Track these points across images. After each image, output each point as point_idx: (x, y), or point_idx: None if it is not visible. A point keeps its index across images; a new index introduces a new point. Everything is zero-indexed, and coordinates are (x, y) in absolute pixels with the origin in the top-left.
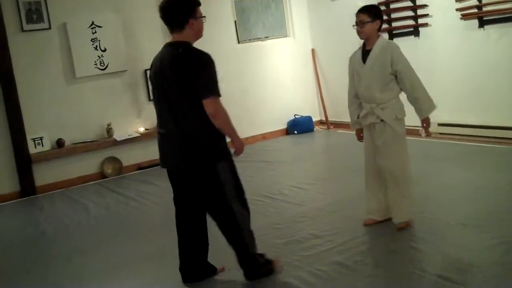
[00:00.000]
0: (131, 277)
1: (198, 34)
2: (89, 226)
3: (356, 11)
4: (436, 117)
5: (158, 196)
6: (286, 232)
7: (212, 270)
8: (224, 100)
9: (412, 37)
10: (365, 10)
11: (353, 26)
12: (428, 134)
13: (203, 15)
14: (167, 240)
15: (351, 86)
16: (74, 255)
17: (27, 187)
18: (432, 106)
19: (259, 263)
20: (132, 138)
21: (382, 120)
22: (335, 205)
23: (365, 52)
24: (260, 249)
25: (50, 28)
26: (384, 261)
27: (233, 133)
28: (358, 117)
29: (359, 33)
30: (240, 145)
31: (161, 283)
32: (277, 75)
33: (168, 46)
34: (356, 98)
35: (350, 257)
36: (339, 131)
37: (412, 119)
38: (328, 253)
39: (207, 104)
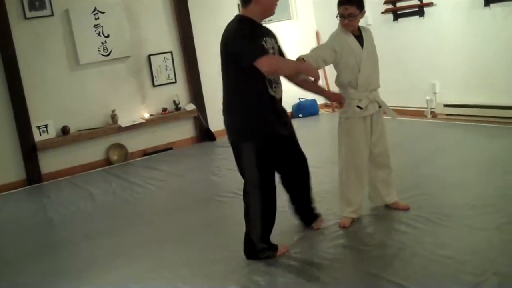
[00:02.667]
0: (138, 261)
1: (266, 11)
2: (95, 212)
3: None
4: (441, 97)
5: (164, 181)
6: (290, 215)
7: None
8: None
9: (417, 17)
10: (353, 1)
11: (337, 17)
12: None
13: None
14: (173, 224)
15: (322, 55)
16: (82, 240)
17: (33, 175)
18: None
19: (258, 249)
20: (137, 124)
21: (379, 107)
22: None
23: (355, 37)
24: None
25: (52, 15)
26: (390, 242)
27: (297, 66)
28: (359, 107)
29: (347, 25)
30: (314, 73)
31: (168, 266)
32: None
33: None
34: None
35: (358, 239)
36: None
37: (418, 100)
38: (335, 235)
39: (260, 66)
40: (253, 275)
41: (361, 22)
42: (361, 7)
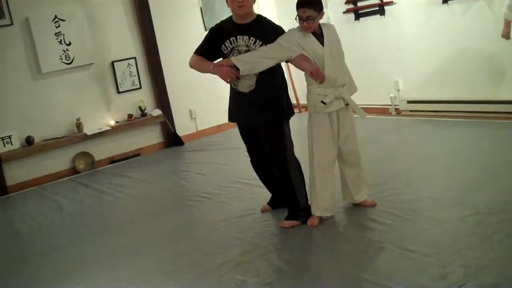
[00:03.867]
0: (110, 270)
1: (233, 10)
2: (63, 223)
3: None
4: (405, 94)
5: (132, 188)
6: (262, 216)
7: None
8: (193, 86)
9: (378, 16)
10: (311, 4)
11: (296, 19)
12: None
13: None
14: (144, 230)
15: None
16: (50, 252)
17: None
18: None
19: (303, 208)
20: (102, 131)
21: (346, 105)
22: (307, 186)
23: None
24: (238, 231)
25: (12, 24)
26: (357, 239)
27: (209, 69)
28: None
29: (305, 28)
30: (224, 78)
31: (141, 274)
32: None
33: None
34: None
35: (325, 235)
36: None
37: (382, 98)
38: (306, 234)
39: None
40: (228, 275)
41: (323, 20)
42: (319, 9)
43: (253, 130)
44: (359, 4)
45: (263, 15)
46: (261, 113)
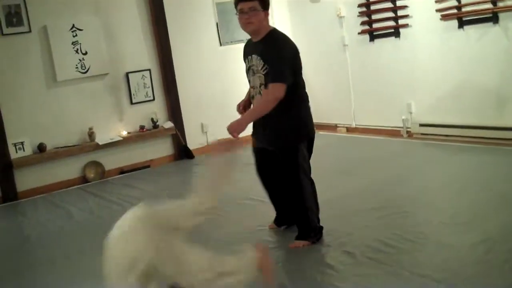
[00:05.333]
0: None
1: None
2: (72, 231)
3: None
4: (417, 117)
5: (142, 199)
6: (275, 233)
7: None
8: (205, 100)
9: (393, 38)
10: None
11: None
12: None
13: (236, 12)
14: None
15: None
16: (59, 260)
17: (8, 192)
18: None
19: (314, 227)
20: (114, 141)
21: None
22: (320, 205)
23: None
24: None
25: (30, 31)
26: (367, 261)
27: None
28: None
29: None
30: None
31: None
32: None
33: None
34: None
35: (335, 257)
36: (321, 132)
37: (394, 120)
38: (313, 253)
39: None
40: None
41: (338, 43)
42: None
43: (264, 151)
44: (375, 25)
45: (276, 19)
46: (275, 135)
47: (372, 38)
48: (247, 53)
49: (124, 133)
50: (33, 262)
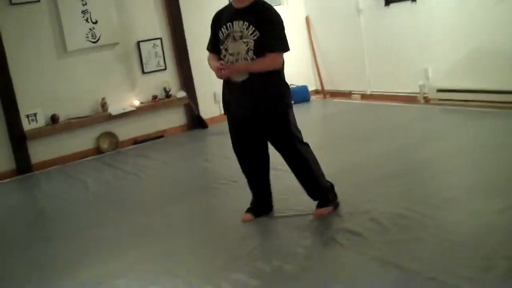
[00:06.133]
0: (136, 249)
1: None
2: (89, 202)
3: None
4: (434, 82)
5: (157, 169)
6: (291, 202)
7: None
8: None
9: (409, 2)
10: None
11: None
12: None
13: None
14: (170, 213)
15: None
16: (75, 231)
17: (22, 164)
18: None
19: (328, 188)
20: (127, 112)
21: None
22: (337, 174)
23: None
24: (267, 221)
25: (39, 0)
26: (394, 227)
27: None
28: None
29: None
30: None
31: (167, 254)
32: None
33: None
34: None
35: (361, 224)
36: (336, 100)
37: (410, 85)
38: (337, 221)
39: None
40: (257, 261)
41: (352, 7)
42: None
43: (247, 122)
44: None
45: (290, 1)
46: (260, 103)
47: (387, 2)
48: (224, 20)
49: (137, 103)
50: (49, 234)
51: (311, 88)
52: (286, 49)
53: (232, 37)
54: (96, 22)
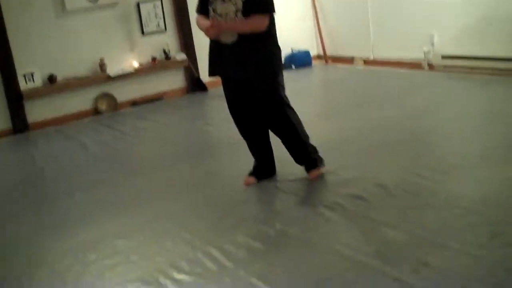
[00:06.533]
0: (136, 211)
1: None
2: (88, 163)
3: None
4: (439, 49)
5: (156, 131)
6: (292, 169)
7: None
8: None
9: None
10: None
11: None
12: None
13: None
14: (170, 174)
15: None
16: (75, 192)
17: (19, 123)
18: None
19: (312, 150)
20: (126, 73)
21: None
22: (340, 141)
23: None
24: (269, 185)
25: None
26: (402, 193)
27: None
28: None
29: None
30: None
31: (168, 215)
32: None
33: None
34: None
35: (367, 189)
36: (338, 65)
37: (414, 51)
38: (342, 186)
39: None
40: (261, 225)
41: None
42: None
43: (239, 84)
44: None
45: None
46: (249, 65)
47: None
48: None
49: (136, 64)
50: (48, 195)
51: (313, 53)
52: (271, 11)
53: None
54: None
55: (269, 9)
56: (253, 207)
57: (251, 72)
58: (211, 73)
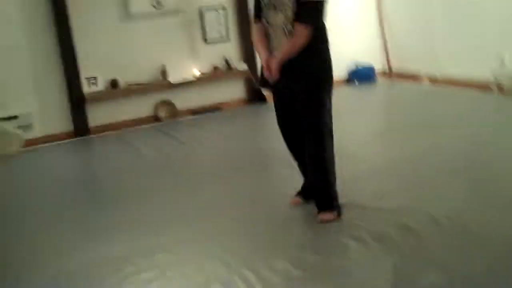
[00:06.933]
0: (176, 226)
1: None
2: (140, 171)
3: None
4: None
5: (212, 141)
6: (344, 191)
7: None
8: None
9: None
10: None
11: None
12: None
13: None
14: (218, 188)
15: None
16: (123, 199)
17: (80, 127)
18: None
19: (334, 196)
20: (186, 81)
21: None
22: (395, 163)
23: None
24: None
25: None
26: (454, 227)
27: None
28: None
29: None
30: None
31: (208, 233)
32: (337, 20)
33: None
34: None
35: (418, 220)
36: (402, 82)
37: (482, 71)
38: (391, 214)
39: None
40: (301, 251)
41: None
42: None
43: (285, 97)
44: None
45: None
46: (292, 77)
47: None
48: None
49: (197, 72)
50: (96, 198)
51: (377, 68)
52: (313, 23)
53: (273, 6)
54: None
55: (311, 21)
56: (296, 231)
57: (296, 89)
58: (261, 83)
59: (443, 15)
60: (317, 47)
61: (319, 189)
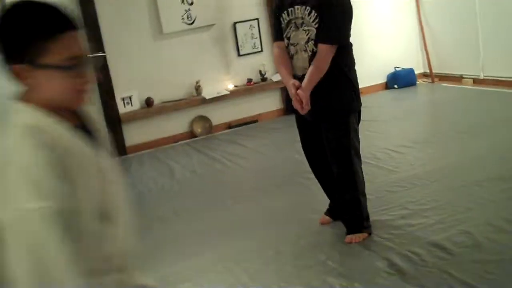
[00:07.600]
0: (204, 249)
1: None
2: (171, 191)
3: None
4: None
5: (245, 158)
6: (376, 203)
7: None
8: None
9: None
10: None
11: None
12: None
13: None
14: (246, 207)
15: None
16: (153, 222)
17: (118, 147)
18: None
19: (365, 217)
20: (221, 96)
21: None
22: (435, 173)
23: None
24: (343, 227)
25: None
26: (488, 243)
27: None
28: None
29: None
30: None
31: (231, 255)
32: (376, 24)
33: None
34: None
35: (449, 237)
36: (444, 84)
37: None
38: (424, 232)
39: None
40: (325, 275)
41: None
42: None
43: (309, 122)
44: None
45: None
46: (319, 103)
47: None
48: (286, 5)
49: (231, 86)
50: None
51: (418, 70)
52: (338, 42)
53: (294, 24)
54: (192, 3)
55: (336, 41)
56: (322, 252)
57: (320, 114)
58: (290, 110)
59: (485, 14)
60: (345, 74)
61: (350, 211)
